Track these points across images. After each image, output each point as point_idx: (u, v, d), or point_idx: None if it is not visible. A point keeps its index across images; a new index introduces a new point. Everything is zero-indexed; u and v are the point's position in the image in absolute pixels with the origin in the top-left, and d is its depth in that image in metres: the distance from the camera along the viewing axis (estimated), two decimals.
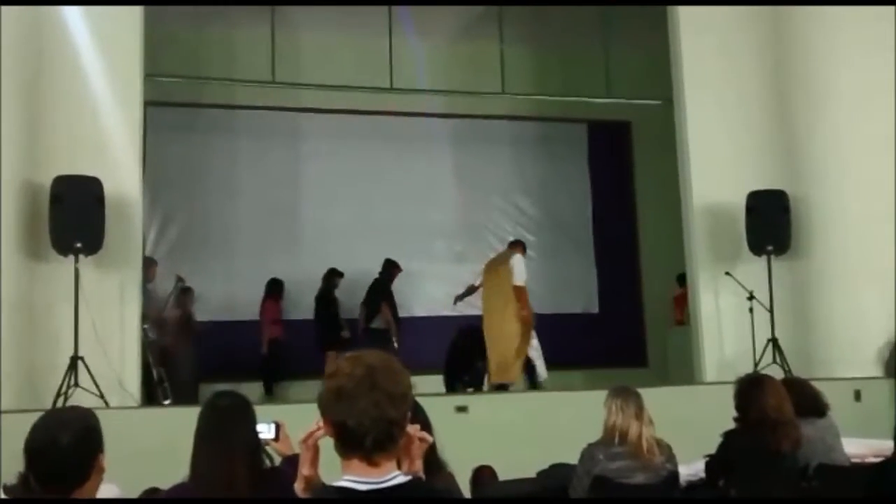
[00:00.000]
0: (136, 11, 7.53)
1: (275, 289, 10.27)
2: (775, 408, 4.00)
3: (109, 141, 7.29)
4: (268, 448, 3.23)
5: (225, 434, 3.04)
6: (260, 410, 3.19)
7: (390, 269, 10.22)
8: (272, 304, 10.23)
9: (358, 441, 1.90)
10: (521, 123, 11.68)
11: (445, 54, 11.00)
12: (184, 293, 9.37)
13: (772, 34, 8.69)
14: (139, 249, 7.60)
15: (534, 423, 6.84)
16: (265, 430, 3.24)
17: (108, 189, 6.97)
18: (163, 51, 8.86)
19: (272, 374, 10.12)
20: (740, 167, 8.50)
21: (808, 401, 4.31)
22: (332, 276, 10.25)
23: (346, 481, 1.92)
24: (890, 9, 8.15)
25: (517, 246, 9.26)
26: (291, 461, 3.26)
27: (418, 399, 3.20)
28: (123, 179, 7.27)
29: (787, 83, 8.58)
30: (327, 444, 2.03)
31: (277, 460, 3.30)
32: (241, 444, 3.03)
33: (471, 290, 9.28)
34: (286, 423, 3.38)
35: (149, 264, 8.79)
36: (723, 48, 8.68)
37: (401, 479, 1.94)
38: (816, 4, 8.29)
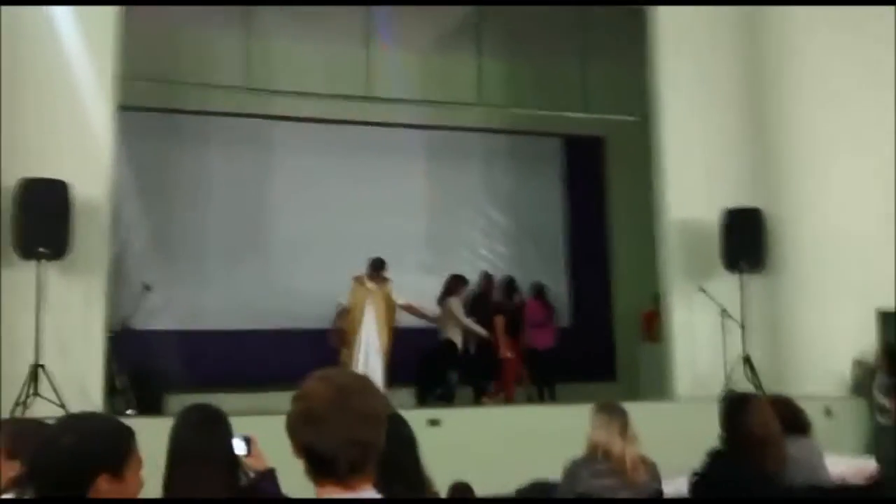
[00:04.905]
0: (111, 13, 7.35)
1: (541, 290, 10.23)
2: (762, 426, 3.93)
3: (79, 144, 7.12)
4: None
5: (201, 452, 2.90)
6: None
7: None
8: (538, 306, 10.07)
9: (329, 465, 1.80)
10: (496, 136, 11.63)
11: (422, 65, 10.90)
12: None
13: (749, 51, 8.74)
14: (106, 255, 7.38)
15: (507, 438, 6.77)
16: (237, 447, 3.10)
17: (76, 193, 6.79)
18: (136, 54, 8.66)
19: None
20: (715, 183, 8.53)
21: (792, 418, 4.26)
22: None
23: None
24: (863, 24, 8.23)
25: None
26: (267, 476, 3.14)
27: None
28: (92, 184, 7.09)
29: (764, 101, 8.64)
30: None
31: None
32: (218, 462, 2.90)
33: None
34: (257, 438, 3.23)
35: (459, 282, 9.24)
36: (700, 65, 8.72)
37: (375, 495, 1.86)
38: (797, 4, 8.35)
